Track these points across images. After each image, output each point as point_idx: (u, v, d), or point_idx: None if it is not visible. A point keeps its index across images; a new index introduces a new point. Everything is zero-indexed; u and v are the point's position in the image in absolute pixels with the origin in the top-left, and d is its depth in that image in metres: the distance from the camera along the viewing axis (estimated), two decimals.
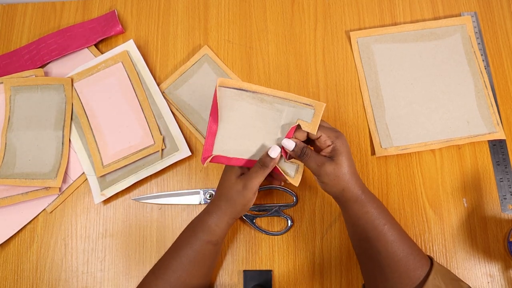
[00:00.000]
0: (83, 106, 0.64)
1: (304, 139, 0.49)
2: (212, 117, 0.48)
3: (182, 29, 0.68)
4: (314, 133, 0.47)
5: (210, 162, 0.49)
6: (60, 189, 0.61)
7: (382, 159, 0.61)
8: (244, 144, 0.50)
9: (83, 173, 0.61)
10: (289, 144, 0.47)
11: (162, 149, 0.61)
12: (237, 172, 0.49)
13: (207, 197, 0.60)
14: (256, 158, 0.50)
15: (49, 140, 0.62)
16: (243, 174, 0.49)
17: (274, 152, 0.47)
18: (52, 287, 0.58)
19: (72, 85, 0.64)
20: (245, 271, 0.57)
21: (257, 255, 0.58)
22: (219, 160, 0.49)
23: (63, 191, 0.61)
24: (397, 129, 0.61)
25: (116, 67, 0.65)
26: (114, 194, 0.60)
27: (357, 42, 0.66)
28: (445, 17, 0.67)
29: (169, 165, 0.60)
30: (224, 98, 0.48)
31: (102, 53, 0.66)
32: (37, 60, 0.66)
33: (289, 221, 0.58)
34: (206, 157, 0.48)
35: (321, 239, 0.58)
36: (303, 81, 0.65)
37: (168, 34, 0.68)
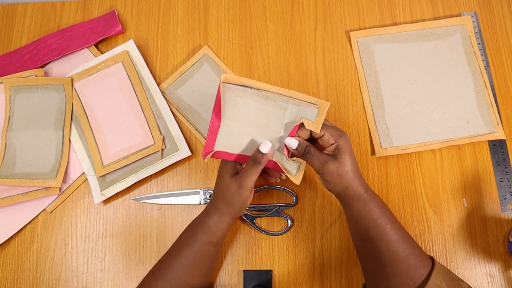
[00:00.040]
0: (83, 106, 0.64)
1: (307, 138, 0.49)
2: (215, 113, 0.48)
3: (182, 29, 0.68)
4: (318, 132, 0.47)
5: (212, 157, 0.49)
6: (60, 189, 0.61)
7: (382, 159, 0.61)
8: (247, 141, 0.49)
9: (83, 173, 0.61)
10: (292, 143, 0.47)
11: (162, 149, 0.61)
12: (231, 172, 0.49)
13: (207, 197, 0.60)
14: None
15: (49, 140, 0.62)
16: (237, 174, 0.49)
17: (265, 148, 0.47)
18: (52, 287, 0.58)
19: (72, 85, 0.64)
20: (245, 271, 0.57)
21: (257, 255, 0.58)
22: (221, 156, 0.49)
23: (63, 191, 0.61)
24: (397, 129, 0.61)
25: (116, 67, 0.65)
26: (114, 194, 0.60)
27: (357, 42, 0.66)
28: (445, 17, 0.67)
29: (169, 165, 0.60)
30: (228, 95, 0.48)
31: (102, 53, 0.66)
32: (37, 60, 0.66)
33: (289, 221, 0.58)
34: (208, 153, 0.48)
35: (321, 239, 0.58)
36: (303, 81, 0.65)
37: (168, 34, 0.68)
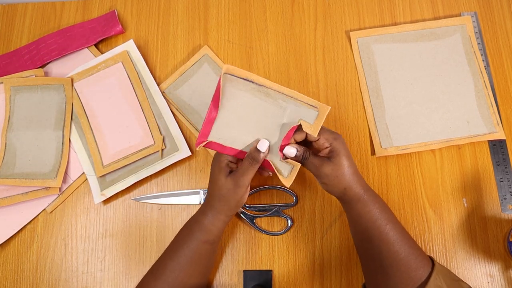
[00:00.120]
0: (83, 106, 0.64)
1: (302, 140, 0.49)
2: (213, 103, 0.48)
3: (182, 29, 0.68)
4: (315, 136, 0.47)
5: (204, 147, 0.49)
6: (60, 189, 0.61)
7: (382, 159, 0.61)
8: (241, 135, 0.49)
9: (83, 173, 0.61)
10: (290, 152, 0.47)
11: (162, 149, 0.61)
12: (226, 171, 0.49)
13: None
14: None
15: (49, 140, 0.62)
16: (232, 172, 0.48)
17: (263, 146, 0.47)
18: (52, 287, 0.58)
19: (72, 85, 0.64)
20: (245, 271, 0.57)
21: (257, 255, 0.58)
22: (213, 147, 0.49)
23: (63, 191, 0.61)
24: (397, 129, 0.61)
25: (116, 67, 0.65)
26: (114, 194, 0.60)
27: (357, 42, 0.66)
28: (445, 17, 0.67)
29: (169, 165, 0.60)
30: (228, 86, 0.47)
31: (102, 53, 0.66)
32: (37, 60, 0.66)
33: (289, 221, 0.58)
34: (201, 142, 0.48)
35: (321, 239, 0.58)
36: (303, 81, 0.65)
37: (168, 34, 0.68)
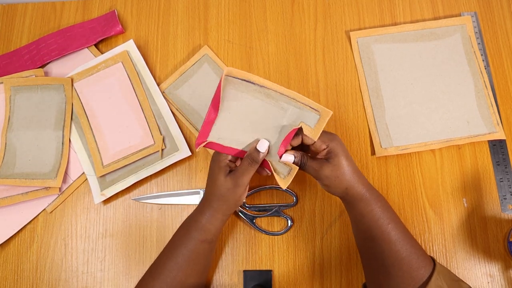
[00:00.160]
0: (83, 106, 0.64)
1: (299, 144, 0.49)
2: (213, 105, 0.48)
3: (182, 29, 0.68)
4: (315, 140, 0.46)
5: (205, 147, 0.49)
6: (60, 189, 0.61)
7: (382, 159, 0.61)
8: (242, 136, 0.49)
9: (83, 173, 0.61)
10: (288, 160, 0.47)
11: (162, 149, 0.61)
12: (225, 171, 0.48)
13: None
14: None
15: (49, 140, 0.62)
16: (232, 172, 0.48)
17: (263, 147, 0.47)
18: (52, 287, 0.58)
19: (72, 85, 0.64)
20: (245, 271, 0.57)
21: (257, 255, 0.58)
22: (213, 147, 0.49)
23: (63, 191, 0.61)
24: (397, 129, 0.61)
25: (116, 67, 0.65)
26: (114, 194, 0.60)
27: (357, 42, 0.66)
28: (445, 17, 0.67)
29: (169, 165, 0.60)
30: (229, 88, 0.47)
31: (102, 53, 0.66)
32: (37, 60, 0.66)
33: (289, 221, 0.58)
34: (201, 142, 0.48)
35: (321, 239, 0.58)
36: (303, 81, 0.65)
37: (168, 34, 0.68)
